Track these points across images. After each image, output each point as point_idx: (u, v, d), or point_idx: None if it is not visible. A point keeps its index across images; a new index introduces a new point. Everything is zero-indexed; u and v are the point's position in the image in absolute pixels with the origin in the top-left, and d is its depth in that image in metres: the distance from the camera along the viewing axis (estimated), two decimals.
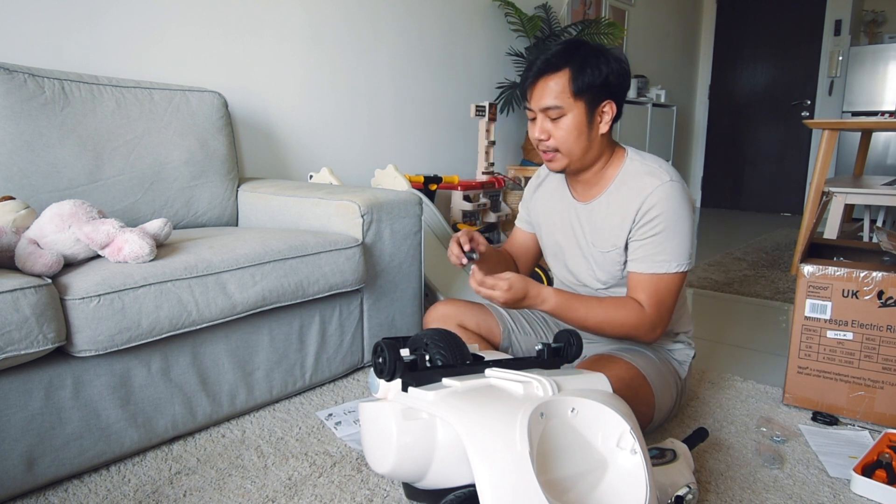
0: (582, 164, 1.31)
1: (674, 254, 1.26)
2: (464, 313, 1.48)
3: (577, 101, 1.23)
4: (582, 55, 1.23)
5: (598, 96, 1.24)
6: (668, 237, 1.25)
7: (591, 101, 1.24)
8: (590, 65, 1.22)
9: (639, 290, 1.29)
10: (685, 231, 1.27)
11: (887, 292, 1.48)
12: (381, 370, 0.93)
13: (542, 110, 1.26)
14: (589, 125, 1.26)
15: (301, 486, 1.24)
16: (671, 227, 1.25)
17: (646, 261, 1.27)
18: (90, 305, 1.18)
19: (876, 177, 3.78)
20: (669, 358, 1.44)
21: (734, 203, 6.24)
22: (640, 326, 1.27)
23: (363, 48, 2.84)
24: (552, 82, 1.23)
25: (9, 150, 1.54)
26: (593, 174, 1.34)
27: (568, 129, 1.25)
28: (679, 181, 1.28)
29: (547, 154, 1.30)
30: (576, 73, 1.22)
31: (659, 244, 1.26)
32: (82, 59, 1.90)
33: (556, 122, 1.25)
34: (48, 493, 1.21)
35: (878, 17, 5.48)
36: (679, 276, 1.28)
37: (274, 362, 1.58)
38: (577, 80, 1.22)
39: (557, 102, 1.23)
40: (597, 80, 1.22)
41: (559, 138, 1.26)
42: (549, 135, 1.27)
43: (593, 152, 1.30)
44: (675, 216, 1.25)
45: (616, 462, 0.87)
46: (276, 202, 1.92)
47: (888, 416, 1.50)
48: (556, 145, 1.27)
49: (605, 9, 4.63)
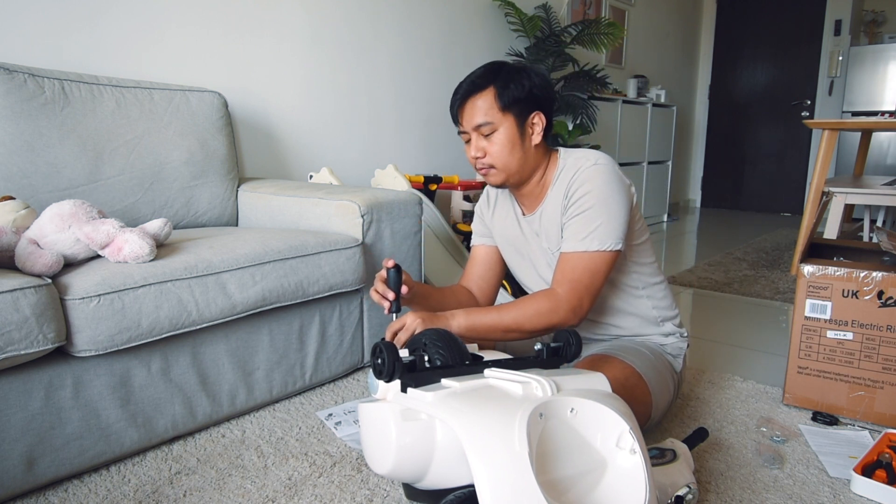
0: (520, 176, 1.33)
1: (600, 232, 1.25)
2: None
3: (506, 115, 1.27)
4: (505, 73, 1.28)
5: (525, 109, 1.28)
6: (595, 215, 1.25)
7: (519, 113, 1.28)
8: (513, 80, 1.27)
9: (559, 269, 1.28)
10: (613, 210, 1.25)
11: (887, 292, 1.48)
12: (380, 371, 0.93)
13: (475, 129, 1.29)
14: (521, 137, 1.29)
15: (301, 486, 1.24)
16: (596, 205, 1.25)
17: (570, 240, 1.27)
18: (90, 305, 1.18)
19: (876, 177, 3.78)
20: (663, 352, 1.44)
21: (734, 203, 6.24)
22: (555, 310, 1.23)
23: (363, 48, 2.84)
24: (480, 101, 1.27)
25: (9, 150, 1.54)
26: (534, 185, 1.37)
27: (501, 144, 1.28)
28: (607, 164, 1.29)
29: (483, 170, 1.32)
30: (500, 90, 1.26)
31: (584, 222, 1.25)
32: (82, 59, 1.90)
33: (489, 138, 1.28)
34: (48, 493, 1.21)
35: (878, 17, 5.47)
36: (604, 255, 1.25)
37: (274, 362, 1.58)
38: (502, 95, 1.26)
39: (487, 119, 1.27)
40: (521, 93, 1.27)
41: (494, 153, 1.29)
42: (484, 152, 1.29)
43: (529, 164, 1.32)
44: (601, 195, 1.25)
45: (615, 462, 0.87)
46: (276, 202, 1.92)
47: (888, 416, 1.50)
48: (491, 161, 1.30)
49: (605, 9, 4.63)
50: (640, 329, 1.45)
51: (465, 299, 1.48)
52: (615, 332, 1.45)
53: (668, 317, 1.47)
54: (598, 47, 3.66)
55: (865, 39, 5.53)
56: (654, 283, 1.44)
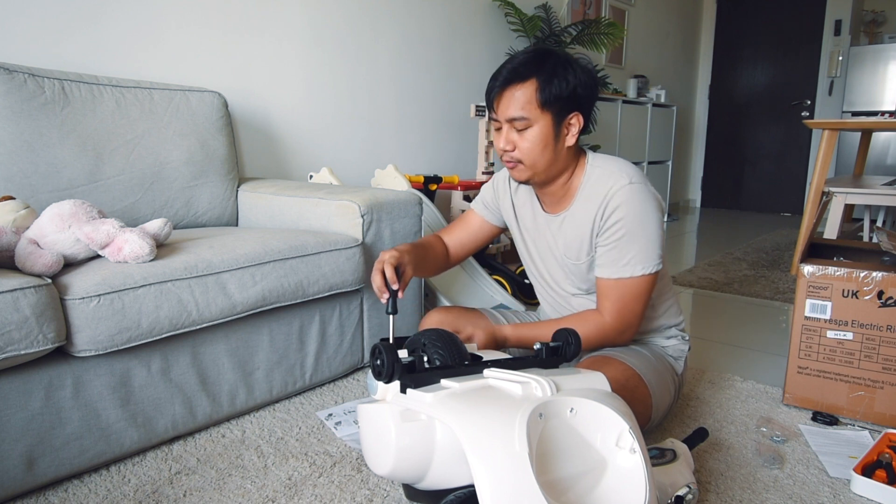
0: (546, 176, 1.29)
1: (639, 257, 1.24)
2: (458, 319, 1.48)
3: (544, 113, 1.21)
4: (550, 65, 1.20)
5: (565, 108, 1.22)
6: (632, 240, 1.23)
7: (557, 112, 1.22)
8: (557, 75, 1.19)
9: (603, 296, 1.29)
10: (650, 233, 1.24)
11: (887, 292, 1.48)
12: (379, 372, 0.92)
13: (508, 121, 1.23)
14: (555, 137, 1.23)
15: (301, 486, 1.24)
16: (634, 230, 1.23)
17: (610, 266, 1.26)
18: (90, 305, 1.18)
19: (876, 177, 3.78)
20: (664, 354, 1.44)
21: (734, 203, 6.24)
22: (604, 336, 1.28)
23: (363, 48, 2.84)
24: (518, 92, 1.21)
25: (9, 150, 1.54)
26: (559, 187, 1.33)
27: (533, 142, 1.22)
28: (641, 182, 1.25)
29: (510, 164, 1.28)
30: (543, 84, 1.19)
31: (622, 248, 1.24)
32: (82, 59, 1.90)
33: (522, 133, 1.23)
34: (48, 493, 1.21)
35: (878, 17, 5.47)
36: (645, 279, 1.26)
37: (274, 362, 1.58)
38: (544, 90, 1.19)
39: (523, 113, 1.21)
40: (564, 91, 1.20)
41: (524, 150, 1.24)
42: (514, 145, 1.24)
43: (558, 165, 1.28)
44: (638, 218, 1.23)
45: (615, 461, 0.87)
46: (276, 202, 1.92)
47: (888, 416, 1.50)
48: (520, 157, 1.25)
49: (605, 9, 4.63)
50: (643, 333, 1.45)
51: (440, 257, 1.49)
52: None
53: (673, 324, 1.48)
54: (598, 47, 3.66)
55: (865, 39, 5.53)
56: (665, 293, 1.44)
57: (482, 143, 3.06)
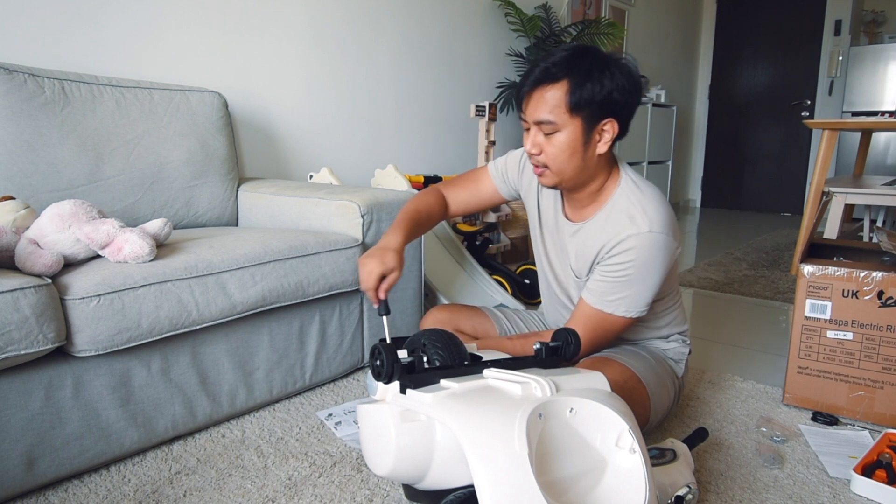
0: (574, 183, 1.23)
1: (628, 300, 1.22)
2: (459, 317, 1.48)
3: (573, 118, 1.13)
4: (585, 66, 1.12)
5: (598, 113, 1.14)
6: (628, 284, 1.20)
7: (589, 118, 1.14)
8: (592, 78, 1.11)
9: (578, 318, 1.27)
10: (649, 283, 1.21)
11: (887, 292, 1.48)
12: (379, 373, 0.92)
13: (536, 123, 1.17)
14: (584, 144, 1.16)
15: (301, 486, 1.24)
16: (634, 275, 1.19)
17: (597, 295, 1.23)
18: (90, 305, 1.18)
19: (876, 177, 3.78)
20: (665, 357, 1.44)
21: (734, 203, 6.24)
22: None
23: (363, 48, 2.84)
24: (548, 94, 1.13)
25: (9, 150, 1.54)
26: (587, 195, 1.27)
27: (560, 147, 1.15)
28: (662, 232, 1.18)
29: (537, 169, 1.22)
30: (574, 87, 1.11)
31: (616, 286, 1.21)
32: (82, 59, 1.90)
33: (549, 137, 1.16)
34: (48, 493, 1.21)
35: (878, 17, 5.47)
36: (625, 320, 1.24)
37: (274, 362, 1.58)
38: (574, 93, 1.11)
39: (551, 117, 1.13)
40: (598, 95, 1.12)
41: (550, 155, 1.17)
42: (540, 149, 1.18)
43: (587, 173, 1.21)
44: (643, 268, 1.19)
45: (615, 461, 0.87)
46: (276, 202, 1.92)
47: (888, 416, 1.50)
48: (546, 162, 1.18)
49: (605, 9, 4.63)
50: (645, 337, 1.45)
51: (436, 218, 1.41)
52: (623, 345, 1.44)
53: (677, 331, 1.48)
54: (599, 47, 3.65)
55: (865, 39, 5.53)
56: (673, 305, 1.43)
57: (482, 143, 3.06)
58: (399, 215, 1.34)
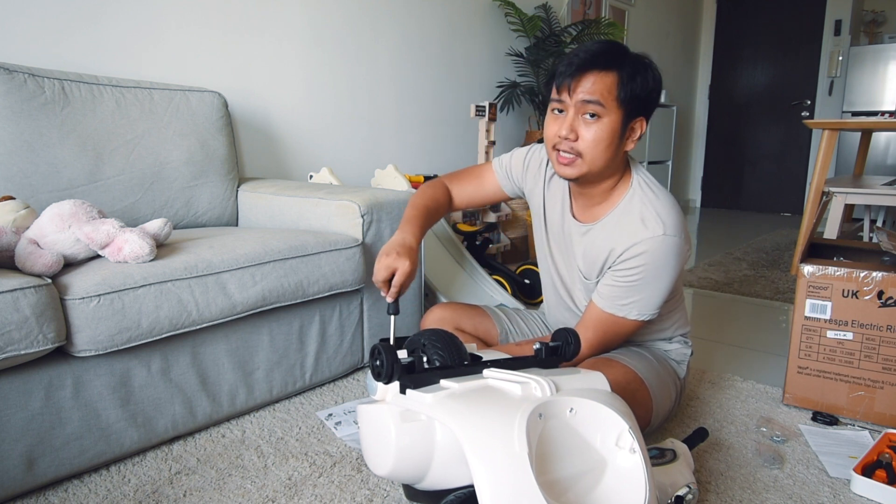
0: (597, 177, 1.21)
1: (641, 304, 1.21)
2: (460, 316, 1.48)
3: (619, 108, 1.13)
4: (631, 62, 1.14)
5: (637, 109, 1.16)
6: (641, 288, 1.20)
7: (629, 112, 1.15)
8: (640, 73, 1.13)
9: (587, 323, 1.26)
10: (662, 286, 1.20)
11: (887, 292, 1.48)
12: (379, 373, 0.92)
13: (580, 105, 1.12)
14: (620, 137, 1.16)
15: (301, 486, 1.24)
16: (647, 279, 1.19)
17: (608, 299, 1.23)
18: (90, 305, 1.18)
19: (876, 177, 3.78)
20: (667, 358, 1.44)
21: (734, 203, 6.24)
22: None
23: (363, 48, 2.84)
24: (601, 78, 1.11)
25: (9, 150, 1.54)
26: (600, 193, 1.25)
27: (600, 135, 1.13)
28: (675, 235, 1.17)
29: (565, 157, 1.16)
30: (626, 79, 1.12)
31: (629, 290, 1.20)
32: (82, 59, 1.90)
33: (590, 124, 1.13)
34: (48, 493, 1.21)
35: (878, 17, 5.47)
36: (636, 323, 1.24)
37: (274, 362, 1.58)
38: (625, 86, 1.12)
39: (602, 100, 1.11)
40: (643, 91, 1.14)
41: (587, 142, 1.14)
42: (577, 135, 1.14)
43: (612, 169, 1.21)
44: (656, 271, 1.18)
45: (615, 461, 0.87)
46: (276, 202, 1.92)
47: (888, 416, 1.50)
48: (581, 149, 1.15)
49: (605, 9, 4.63)
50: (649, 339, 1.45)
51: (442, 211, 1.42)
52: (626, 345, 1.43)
53: (680, 332, 1.48)
54: None
55: (865, 39, 5.53)
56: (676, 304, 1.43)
57: (482, 143, 3.06)
58: (409, 211, 1.34)
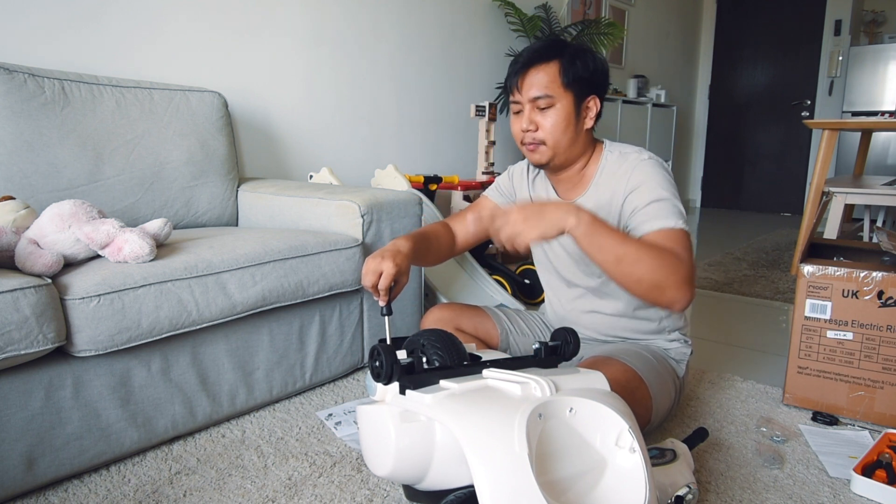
0: (566, 158, 1.32)
1: (673, 212, 1.22)
2: (460, 316, 1.48)
3: (567, 93, 1.26)
4: (571, 50, 1.27)
5: (585, 90, 1.28)
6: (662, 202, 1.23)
7: (578, 93, 1.27)
8: (579, 58, 1.26)
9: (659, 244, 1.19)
10: (672, 198, 1.25)
11: (887, 292, 1.48)
12: (378, 374, 0.92)
13: (532, 100, 1.27)
14: (576, 118, 1.28)
15: (301, 486, 1.24)
16: (659, 193, 1.24)
17: (653, 220, 1.22)
18: (90, 305, 1.18)
19: (876, 177, 3.78)
20: (666, 357, 1.44)
21: (734, 203, 6.24)
22: (676, 272, 1.09)
23: (363, 48, 2.84)
24: (543, 72, 1.26)
25: (9, 150, 1.54)
26: (575, 172, 1.36)
27: (556, 120, 1.26)
28: (658, 159, 1.31)
29: (531, 146, 1.30)
30: (566, 65, 1.25)
31: (657, 207, 1.23)
32: (82, 59, 1.90)
33: (545, 112, 1.27)
34: (48, 493, 1.21)
35: (878, 17, 5.47)
36: (686, 234, 1.22)
37: (274, 362, 1.58)
38: (567, 71, 1.25)
39: (548, 91, 1.25)
40: (586, 73, 1.26)
41: (546, 129, 1.27)
42: (536, 126, 1.28)
43: (577, 148, 1.31)
44: (660, 185, 1.25)
45: (615, 461, 0.87)
46: (276, 202, 1.92)
47: (888, 416, 1.50)
48: (543, 137, 1.28)
49: (605, 9, 4.63)
50: (647, 334, 1.45)
51: (445, 247, 1.45)
52: (623, 334, 1.44)
53: (676, 327, 1.48)
54: (598, 47, 3.66)
55: (865, 39, 5.53)
56: None
57: (482, 143, 3.06)
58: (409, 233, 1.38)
